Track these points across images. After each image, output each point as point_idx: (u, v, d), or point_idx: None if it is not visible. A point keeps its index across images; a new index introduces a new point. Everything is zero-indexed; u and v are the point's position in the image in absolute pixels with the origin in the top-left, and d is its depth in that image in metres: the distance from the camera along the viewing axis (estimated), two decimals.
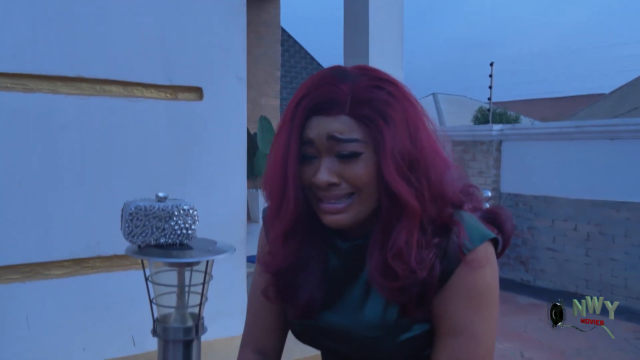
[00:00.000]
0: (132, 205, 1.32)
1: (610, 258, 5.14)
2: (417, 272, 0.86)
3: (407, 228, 0.87)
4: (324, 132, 0.87)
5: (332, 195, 0.88)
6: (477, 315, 0.89)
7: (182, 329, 1.37)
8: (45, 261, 2.01)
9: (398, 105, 0.87)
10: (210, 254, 1.33)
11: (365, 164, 0.87)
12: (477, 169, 6.24)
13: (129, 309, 2.13)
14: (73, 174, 2.03)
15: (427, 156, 0.88)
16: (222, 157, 2.39)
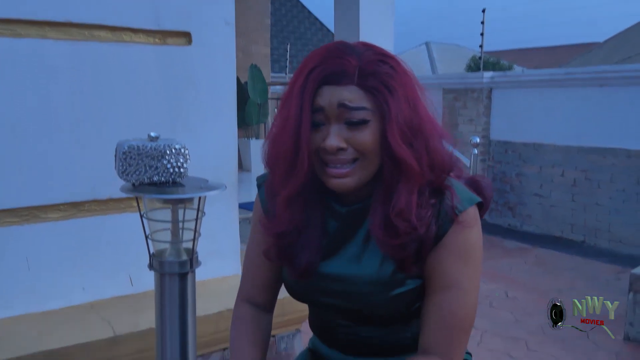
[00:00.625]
0: (125, 145, 1.37)
1: (595, 203, 5.26)
2: (417, 228, 0.95)
3: (407, 189, 0.95)
4: (334, 100, 0.93)
5: (338, 159, 0.95)
6: (466, 270, 0.99)
7: (177, 262, 1.44)
8: (42, 205, 2.06)
9: (399, 78, 0.95)
10: (202, 191, 1.39)
11: (371, 131, 0.94)
12: (468, 116, 6.28)
13: (126, 250, 2.20)
14: (65, 119, 2.06)
15: (425, 125, 0.97)
16: (212, 102, 2.41)
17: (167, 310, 1.43)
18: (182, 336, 1.46)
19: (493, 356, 2.95)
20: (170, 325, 1.44)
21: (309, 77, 0.95)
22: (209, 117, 2.40)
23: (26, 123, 1.99)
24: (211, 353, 2.21)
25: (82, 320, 2.02)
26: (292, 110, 0.96)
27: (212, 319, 2.14)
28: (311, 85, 0.94)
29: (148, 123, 2.23)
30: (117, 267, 2.21)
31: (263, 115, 6.73)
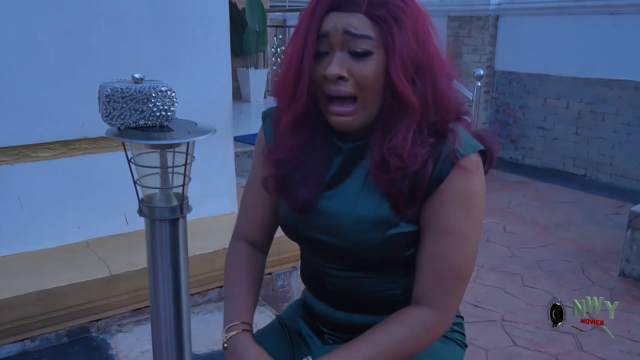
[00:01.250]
0: (108, 87, 1.30)
1: (599, 136, 5.18)
2: (408, 165, 0.92)
3: (405, 126, 0.92)
4: (340, 26, 0.90)
5: (339, 90, 0.92)
6: (466, 217, 0.95)
7: (168, 208, 1.41)
8: (32, 143, 2.02)
9: (410, 12, 0.91)
10: (190, 136, 1.33)
11: (374, 64, 0.91)
12: (472, 45, 6.08)
13: (120, 188, 2.16)
14: (52, 56, 1.98)
15: (434, 64, 0.93)
16: (204, 35, 2.31)
17: (158, 256, 1.42)
18: (175, 281, 1.45)
19: (488, 291, 2.99)
20: (162, 271, 1.43)
21: (317, 4, 0.92)
22: (201, 50, 2.31)
23: (11, 60, 1.91)
24: (208, 291, 2.24)
25: (77, 260, 2.03)
26: (299, 37, 0.94)
27: (208, 257, 2.15)
28: (319, 10, 0.92)
29: (138, 59, 2.15)
30: (112, 206, 2.19)
31: (262, 44, 6.53)
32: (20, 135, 1.98)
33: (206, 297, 2.24)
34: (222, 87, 2.43)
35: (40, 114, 2.00)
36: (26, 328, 1.85)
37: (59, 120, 2.04)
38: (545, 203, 4.63)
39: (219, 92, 2.42)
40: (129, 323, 2.06)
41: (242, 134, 4.69)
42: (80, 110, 2.05)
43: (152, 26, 2.16)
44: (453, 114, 0.96)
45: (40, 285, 1.85)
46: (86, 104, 2.02)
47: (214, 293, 2.26)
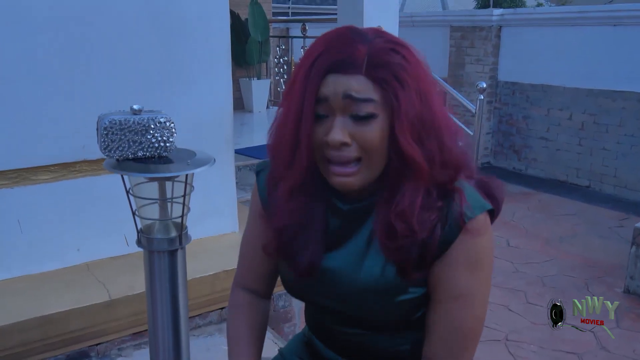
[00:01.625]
0: (106, 120, 1.29)
1: (603, 148, 5.16)
2: (417, 233, 0.88)
3: (413, 189, 0.89)
4: (340, 90, 0.86)
5: (342, 156, 0.88)
6: (475, 280, 0.92)
7: (166, 239, 1.40)
8: (31, 166, 2.01)
9: (412, 69, 0.87)
10: (189, 167, 1.32)
11: (378, 127, 0.87)
12: (475, 56, 6.07)
13: (120, 210, 2.13)
14: (51, 76, 1.97)
15: (439, 121, 0.89)
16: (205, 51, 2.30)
17: (157, 287, 1.41)
18: (173, 311, 1.44)
19: (491, 309, 2.97)
20: (160, 302, 1.42)
21: (314, 64, 0.87)
22: (202, 70, 2.30)
23: (9, 81, 1.90)
24: (209, 313, 2.22)
25: (77, 283, 2.01)
26: (295, 99, 0.89)
27: (208, 280, 2.13)
28: (316, 73, 0.87)
29: (139, 77, 2.13)
30: (111, 227, 2.18)
31: (264, 54, 6.53)
32: (19, 158, 1.97)
33: (207, 320, 2.22)
34: (223, 103, 2.42)
35: (40, 135, 1.99)
36: (26, 354, 1.83)
37: (58, 142, 2.03)
38: (549, 215, 4.60)
39: (220, 109, 2.40)
40: (129, 347, 2.04)
41: (244, 146, 4.68)
42: (80, 132, 2.04)
43: (152, 43, 2.16)
44: (459, 171, 0.93)
45: (40, 310, 1.84)
46: (86, 124, 2.01)
47: (215, 315, 2.24)
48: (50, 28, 1.95)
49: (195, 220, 1.42)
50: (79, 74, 2.03)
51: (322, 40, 0.90)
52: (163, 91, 2.19)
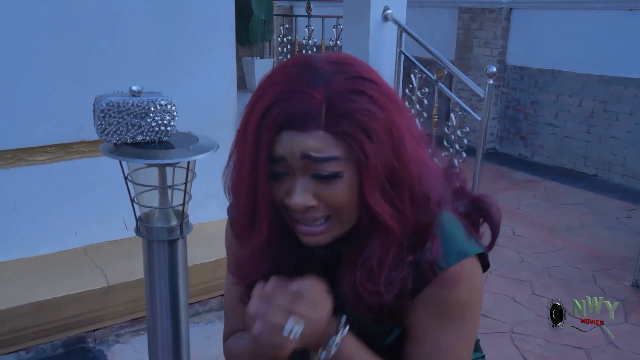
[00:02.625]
0: (104, 101, 1.21)
1: (612, 136, 5.06)
2: (383, 294, 0.79)
3: (382, 248, 0.79)
4: (297, 150, 0.73)
5: (308, 217, 0.78)
6: (443, 328, 0.83)
7: (166, 228, 1.33)
8: (27, 147, 1.94)
9: (381, 113, 0.74)
10: (192, 154, 1.25)
11: (345, 184, 0.75)
12: (484, 39, 5.94)
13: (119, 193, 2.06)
14: (48, 55, 1.89)
15: (412, 170, 0.77)
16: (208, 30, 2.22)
17: (156, 278, 1.35)
18: (172, 302, 1.38)
19: (497, 299, 2.91)
20: (160, 293, 1.36)
21: (263, 120, 0.74)
22: (205, 50, 2.22)
23: (5, 61, 1.83)
24: (209, 299, 2.17)
25: (74, 268, 1.96)
26: (247, 157, 0.76)
27: (210, 266, 2.08)
28: (267, 131, 0.74)
29: (138, 56, 2.05)
30: (110, 211, 2.11)
31: (268, 33, 6.42)
32: (15, 138, 1.91)
33: (207, 306, 2.17)
34: (227, 84, 2.34)
35: (36, 116, 1.92)
36: (20, 339, 1.79)
37: (55, 123, 1.96)
38: (555, 204, 4.53)
39: (223, 90, 2.33)
40: (126, 333, 1.99)
41: None
42: (77, 112, 1.97)
43: (151, 22, 2.07)
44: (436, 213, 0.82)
45: (35, 296, 1.78)
46: (84, 104, 1.93)
47: (215, 302, 2.19)
48: (47, 7, 1.87)
49: (197, 205, 1.35)
50: (77, 53, 1.95)
51: (270, 85, 0.75)
52: (164, 71, 2.11)
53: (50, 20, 1.88)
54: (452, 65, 3.93)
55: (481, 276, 0.86)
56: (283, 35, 6.46)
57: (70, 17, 1.92)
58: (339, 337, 0.82)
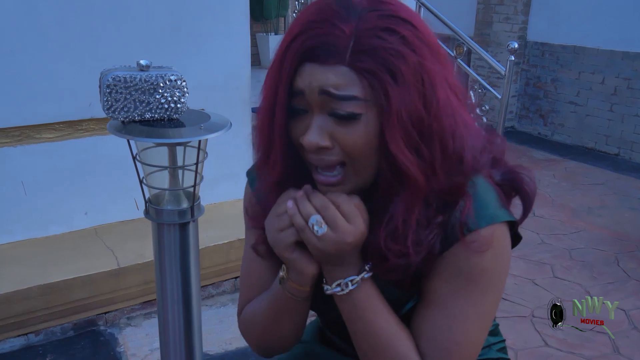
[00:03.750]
0: (109, 76, 1.14)
1: (635, 114, 4.91)
2: (410, 255, 0.74)
3: (407, 204, 0.73)
4: (316, 84, 0.69)
5: (322, 159, 0.73)
6: (459, 294, 0.77)
7: (177, 211, 1.27)
8: (35, 124, 1.88)
9: (412, 56, 0.68)
10: (203, 132, 1.18)
11: (364, 128, 0.70)
12: (504, 14, 5.77)
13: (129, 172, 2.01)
14: (55, 27, 1.82)
15: (444, 122, 0.71)
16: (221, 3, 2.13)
17: (166, 263, 1.29)
18: (184, 287, 1.32)
19: (516, 282, 2.83)
20: (170, 277, 1.30)
21: (288, 48, 0.70)
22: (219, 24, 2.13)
23: (10, 34, 1.76)
24: (222, 282, 2.11)
25: (84, 249, 1.91)
26: (269, 88, 0.73)
27: (223, 248, 2.02)
28: (289, 60, 0.70)
29: (149, 28, 1.97)
30: (121, 190, 2.06)
31: (283, 8, 6.28)
32: (22, 115, 1.85)
33: (220, 289, 2.12)
34: (240, 60, 2.26)
35: (44, 92, 1.86)
36: (30, 322, 1.75)
37: (64, 99, 1.90)
38: (576, 184, 4.41)
39: (237, 67, 2.25)
40: (138, 316, 1.95)
41: None
42: (86, 88, 1.89)
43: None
44: (470, 175, 0.76)
45: (44, 278, 1.74)
46: (93, 80, 1.85)
47: (229, 284, 2.14)
48: None
49: (210, 185, 1.29)
50: (86, 26, 1.88)
51: (302, 16, 0.71)
52: (175, 44, 2.03)
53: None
54: (472, 41, 3.81)
55: (509, 248, 0.80)
56: (298, 10, 6.33)
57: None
58: (359, 277, 0.77)
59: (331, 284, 0.78)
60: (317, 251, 0.73)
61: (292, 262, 0.77)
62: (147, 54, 1.99)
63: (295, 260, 0.77)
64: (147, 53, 1.99)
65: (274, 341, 0.91)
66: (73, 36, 1.86)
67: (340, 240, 0.72)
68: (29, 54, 1.80)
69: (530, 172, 0.85)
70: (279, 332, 0.89)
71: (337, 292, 0.78)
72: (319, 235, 0.72)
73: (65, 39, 1.85)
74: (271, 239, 0.77)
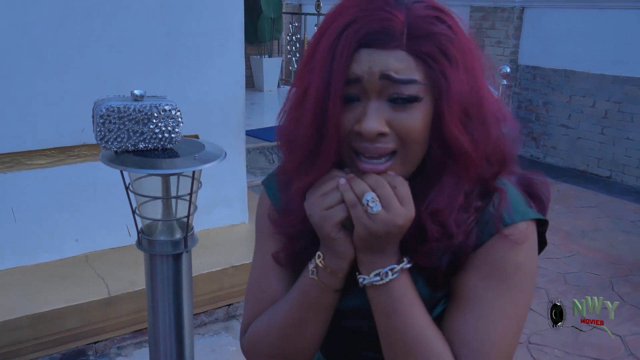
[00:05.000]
0: (103, 106, 1.12)
1: (626, 137, 4.95)
2: (454, 236, 0.73)
3: (454, 184, 0.73)
4: (376, 69, 0.69)
5: (376, 148, 0.72)
6: (494, 293, 0.75)
7: (170, 242, 1.25)
8: (26, 150, 1.86)
9: (459, 42, 0.71)
10: (197, 163, 1.17)
11: (421, 112, 0.70)
12: (496, 38, 5.84)
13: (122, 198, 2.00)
14: (48, 52, 1.81)
15: (487, 107, 0.73)
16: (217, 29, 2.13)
17: (158, 294, 1.26)
18: (177, 319, 1.30)
19: None
20: (163, 309, 1.28)
21: (341, 35, 0.70)
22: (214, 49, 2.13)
23: (2, 57, 1.74)
24: (215, 310, 2.08)
25: (75, 277, 1.88)
26: (317, 78, 0.71)
27: (216, 276, 1.99)
28: (345, 46, 0.69)
29: (144, 54, 1.97)
30: (113, 217, 2.03)
31: (276, 31, 6.33)
32: (14, 141, 1.83)
33: (213, 317, 2.09)
34: (235, 84, 2.25)
35: (36, 117, 1.84)
36: (18, 353, 1.71)
37: (56, 125, 1.88)
38: (569, 207, 4.42)
39: (231, 91, 2.24)
40: (129, 345, 1.91)
41: (255, 127, 4.52)
42: (79, 113, 1.88)
43: (157, 18, 1.99)
44: (505, 166, 0.77)
45: (33, 307, 1.71)
46: (85, 106, 1.85)
47: (221, 312, 2.10)
48: (49, 4, 1.79)
49: (202, 210, 1.26)
50: (79, 51, 1.87)
51: (347, 5, 0.72)
52: (171, 69, 2.03)
53: (51, 17, 1.80)
54: None
55: (537, 246, 0.79)
56: (292, 33, 6.38)
57: (73, 14, 1.83)
58: (400, 266, 0.74)
59: (369, 273, 0.75)
60: (365, 231, 0.71)
61: (335, 243, 0.75)
62: (142, 77, 1.99)
63: (339, 241, 0.74)
64: (142, 77, 1.98)
65: (293, 353, 0.86)
66: (66, 61, 1.85)
67: (391, 221, 0.70)
68: (22, 79, 1.79)
69: (544, 179, 0.86)
70: (302, 338, 0.83)
71: (375, 282, 0.75)
72: (372, 213, 0.70)
73: (59, 63, 1.84)
74: (317, 218, 0.74)
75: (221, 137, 2.12)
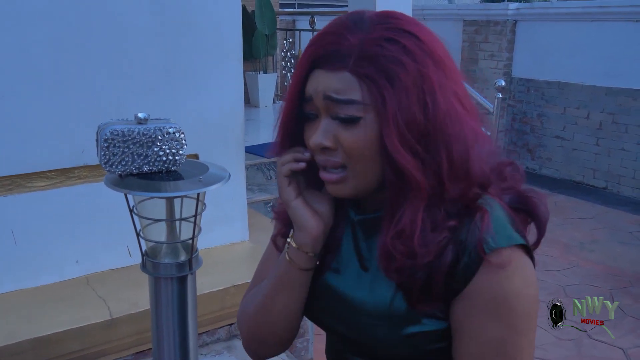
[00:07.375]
0: (107, 130, 1.13)
1: (621, 148, 4.99)
2: (418, 255, 0.74)
3: (412, 206, 0.75)
4: (321, 89, 0.76)
5: (328, 161, 0.79)
6: (503, 327, 0.75)
7: (175, 264, 1.24)
8: (26, 172, 1.85)
9: (413, 66, 0.73)
10: (202, 185, 1.17)
11: (364, 131, 0.75)
12: (489, 51, 5.89)
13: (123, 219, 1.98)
14: (47, 74, 1.81)
15: (445, 127, 0.74)
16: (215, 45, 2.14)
17: (163, 317, 1.26)
18: (181, 341, 1.29)
19: None
20: (167, 332, 1.27)
21: (303, 57, 0.79)
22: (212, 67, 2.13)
23: (2, 80, 1.74)
24: (217, 330, 2.06)
25: (76, 299, 1.86)
26: (287, 95, 0.83)
27: (217, 295, 1.97)
28: (302, 67, 0.79)
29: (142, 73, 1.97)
30: (113, 237, 2.02)
31: (271, 47, 6.35)
32: (13, 163, 1.82)
33: (215, 337, 2.07)
34: (234, 103, 2.25)
35: (35, 139, 1.83)
36: None
37: (56, 146, 1.87)
38: (566, 219, 4.44)
39: (231, 109, 2.24)
40: None
41: (251, 143, 4.51)
42: (79, 134, 1.88)
43: (157, 37, 1.99)
44: (481, 184, 0.77)
45: (34, 331, 1.69)
46: (85, 127, 1.85)
47: (224, 332, 2.09)
48: (45, 22, 1.79)
49: (204, 229, 1.26)
50: (77, 72, 1.87)
51: (322, 30, 0.79)
52: (168, 89, 2.03)
53: (50, 37, 1.80)
54: None
55: (534, 271, 0.79)
56: (287, 49, 6.41)
57: (72, 35, 1.84)
58: None
59: None
60: None
61: (294, 213, 0.84)
62: (141, 97, 1.99)
63: (297, 210, 0.84)
64: (141, 97, 1.98)
65: (266, 327, 0.93)
66: (65, 82, 1.85)
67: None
68: (20, 100, 1.79)
69: (542, 196, 0.85)
70: (271, 316, 0.91)
71: None
72: None
73: (58, 84, 1.84)
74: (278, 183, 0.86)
75: (221, 156, 2.12)
